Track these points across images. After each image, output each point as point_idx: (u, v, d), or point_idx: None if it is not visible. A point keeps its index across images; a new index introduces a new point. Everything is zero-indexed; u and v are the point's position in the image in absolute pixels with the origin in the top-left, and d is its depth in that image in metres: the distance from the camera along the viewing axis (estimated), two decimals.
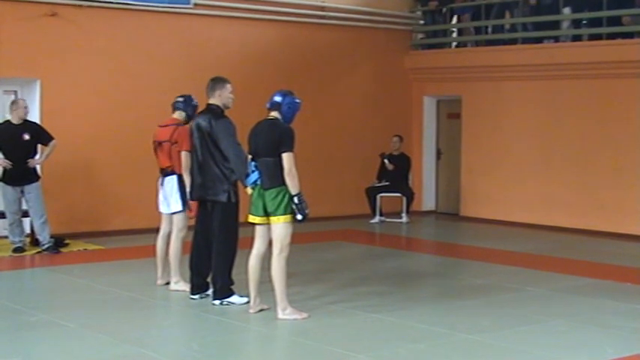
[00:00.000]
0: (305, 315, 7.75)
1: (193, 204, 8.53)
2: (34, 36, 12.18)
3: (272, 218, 7.63)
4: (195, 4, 13.49)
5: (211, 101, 8.32)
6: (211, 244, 8.29)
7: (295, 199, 7.55)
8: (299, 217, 7.59)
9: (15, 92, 12.52)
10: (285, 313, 7.70)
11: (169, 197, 8.90)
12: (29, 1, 12.11)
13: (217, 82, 8.38)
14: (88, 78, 12.65)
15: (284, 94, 7.80)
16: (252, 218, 7.78)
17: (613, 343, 7.07)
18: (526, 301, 8.68)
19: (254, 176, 7.71)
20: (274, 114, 7.76)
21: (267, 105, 7.83)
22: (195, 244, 8.48)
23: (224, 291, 8.20)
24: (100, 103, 12.74)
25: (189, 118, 8.91)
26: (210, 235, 8.30)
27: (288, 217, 7.61)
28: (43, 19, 12.22)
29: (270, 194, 7.61)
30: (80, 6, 12.49)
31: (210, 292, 8.38)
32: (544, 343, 7.09)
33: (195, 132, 8.27)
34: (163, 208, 9.05)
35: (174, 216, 8.91)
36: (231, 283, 8.26)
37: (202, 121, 8.23)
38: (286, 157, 7.55)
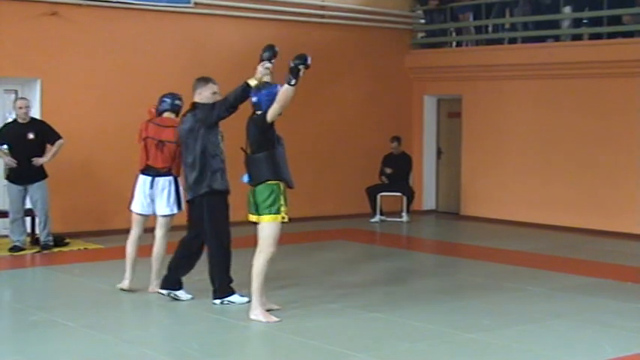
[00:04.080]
0: (274, 319, 7.63)
1: (186, 206, 8.51)
2: (34, 35, 12.18)
3: (260, 217, 7.66)
4: (196, 4, 13.49)
5: (195, 100, 8.35)
6: (195, 244, 8.31)
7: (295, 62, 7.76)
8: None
9: (15, 92, 12.53)
10: (253, 313, 7.65)
11: (161, 199, 8.69)
12: (30, 1, 12.11)
13: (200, 81, 8.41)
14: (89, 77, 12.65)
15: (254, 92, 7.89)
16: (250, 217, 7.82)
17: (613, 342, 7.07)
18: (526, 300, 8.68)
19: (247, 172, 7.80)
20: (257, 111, 7.84)
21: (253, 109, 7.89)
22: (183, 244, 8.45)
23: (224, 290, 8.19)
24: (101, 102, 12.74)
25: (177, 115, 8.93)
26: (196, 235, 8.29)
27: (275, 216, 7.62)
28: (43, 18, 12.22)
29: (260, 192, 7.64)
30: (80, 5, 12.49)
31: (179, 292, 8.38)
32: (544, 342, 7.09)
33: (184, 133, 8.23)
34: (145, 210, 8.74)
35: (165, 218, 8.71)
36: (230, 281, 8.26)
37: (187, 121, 8.23)
38: (272, 110, 7.66)
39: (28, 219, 11.57)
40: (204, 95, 8.31)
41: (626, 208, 13.19)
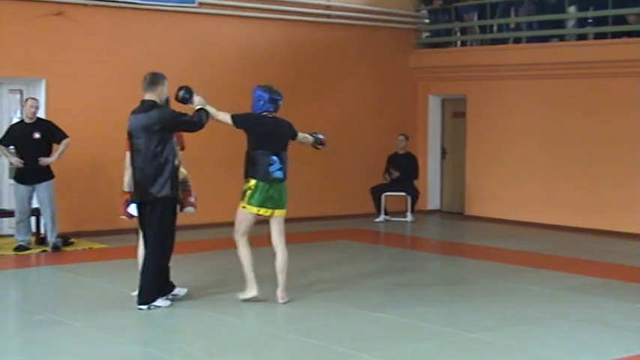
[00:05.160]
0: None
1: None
2: (39, 35, 12.21)
3: (282, 211, 8.24)
4: (201, 4, 13.50)
5: (149, 97, 8.08)
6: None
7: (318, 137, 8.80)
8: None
9: (20, 92, 12.57)
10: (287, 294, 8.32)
11: None
12: (35, 1, 12.13)
13: (160, 77, 8.17)
14: (94, 77, 12.67)
15: (278, 93, 8.40)
16: (263, 211, 8.17)
17: (617, 343, 7.07)
18: (530, 301, 8.68)
19: (274, 168, 8.16)
20: (273, 112, 8.32)
21: (273, 108, 8.29)
22: (143, 248, 8.27)
23: (150, 295, 8.03)
24: (105, 102, 12.75)
25: None
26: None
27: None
28: (48, 18, 12.24)
29: (284, 187, 8.24)
30: (85, 5, 12.52)
31: (177, 290, 8.31)
32: (548, 343, 7.09)
33: (136, 132, 8.01)
34: None
35: None
36: (158, 286, 8.13)
37: (140, 119, 8.00)
38: (300, 134, 8.58)
39: (33, 218, 11.59)
40: (163, 92, 8.13)
41: (631, 209, 13.17)
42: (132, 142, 8.09)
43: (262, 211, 8.16)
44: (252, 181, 8.11)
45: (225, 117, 8.25)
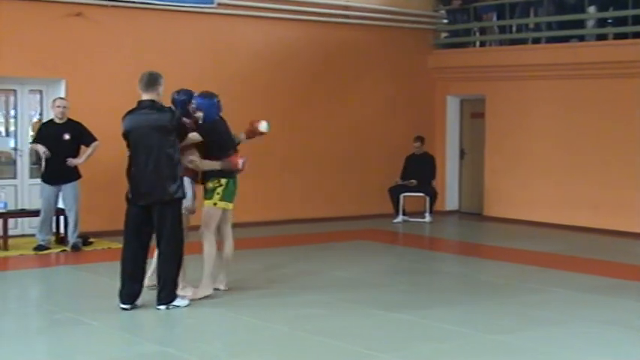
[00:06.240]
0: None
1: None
2: (58, 36, 12.28)
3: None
4: (219, 4, 13.53)
5: (149, 97, 8.07)
6: (145, 249, 8.06)
7: None
8: None
9: (40, 92, 12.64)
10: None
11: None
12: (54, 1, 12.20)
13: (158, 77, 8.16)
14: (113, 77, 12.72)
15: (217, 94, 8.66)
16: (231, 205, 8.60)
17: (637, 344, 7.03)
18: (549, 302, 8.64)
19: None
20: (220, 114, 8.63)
21: (220, 110, 8.58)
22: (132, 250, 8.05)
23: (172, 296, 8.04)
24: (125, 102, 12.60)
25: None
26: (144, 239, 8.03)
27: None
28: (67, 19, 12.31)
29: None
30: (105, 6, 12.57)
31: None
32: (567, 344, 7.06)
33: (150, 131, 7.95)
34: None
35: (187, 217, 8.57)
36: (177, 286, 8.15)
37: (148, 119, 7.98)
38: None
39: (53, 218, 11.65)
40: (160, 92, 8.16)
41: None
42: (134, 142, 8.04)
43: (231, 206, 8.56)
44: (224, 180, 8.45)
45: (194, 135, 8.33)
